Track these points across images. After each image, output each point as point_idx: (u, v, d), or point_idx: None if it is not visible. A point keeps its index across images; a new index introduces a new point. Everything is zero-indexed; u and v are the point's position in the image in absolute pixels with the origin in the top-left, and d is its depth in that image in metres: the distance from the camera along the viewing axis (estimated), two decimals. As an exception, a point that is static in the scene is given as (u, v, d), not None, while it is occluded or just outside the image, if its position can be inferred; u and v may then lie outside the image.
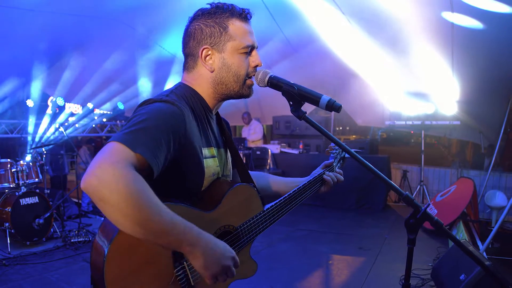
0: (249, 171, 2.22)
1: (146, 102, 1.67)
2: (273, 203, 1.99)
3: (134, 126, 1.50)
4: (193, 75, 1.87)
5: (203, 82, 1.85)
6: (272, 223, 1.98)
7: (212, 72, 1.82)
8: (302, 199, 2.13)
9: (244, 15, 1.83)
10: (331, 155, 2.58)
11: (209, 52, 1.80)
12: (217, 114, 2.04)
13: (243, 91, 1.86)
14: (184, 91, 1.83)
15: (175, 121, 1.60)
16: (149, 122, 1.52)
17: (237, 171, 2.10)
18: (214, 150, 1.88)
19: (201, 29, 1.79)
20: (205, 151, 1.80)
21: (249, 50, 1.83)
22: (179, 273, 1.62)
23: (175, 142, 1.59)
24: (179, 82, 1.92)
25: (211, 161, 1.84)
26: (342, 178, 2.38)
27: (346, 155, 2.68)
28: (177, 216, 1.46)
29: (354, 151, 1.82)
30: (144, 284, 1.57)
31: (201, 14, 1.81)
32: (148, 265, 1.57)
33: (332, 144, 2.53)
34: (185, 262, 1.63)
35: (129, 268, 1.54)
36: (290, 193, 2.06)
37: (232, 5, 1.82)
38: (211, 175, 1.84)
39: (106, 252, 1.49)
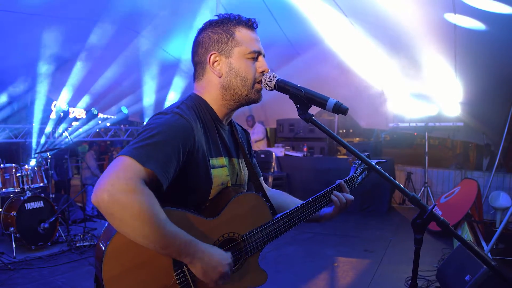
0: (270, 189, 2.32)
1: (158, 114, 1.74)
2: (281, 214, 1.98)
3: (145, 140, 1.56)
4: (202, 83, 1.91)
5: (212, 89, 1.88)
6: (279, 234, 1.97)
7: (220, 77, 1.85)
8: (311, 212, 2.08)
9: (250, 24, 1.87)
10: (354, 165, 2.41)
11: (217, 58, 1.83)
12: (231, 124, 2.06)
13: (251, 96, 1.88)
14: (194, 102, 1.87)
15: (184, 134, 1.66)
16: (160, 137, 1.58)
17: (252, 183, 2.13)
18: (224, 160, 1.91)
19: (209, 37, 1.84)
20: (213, 161, 1.84)
21: (256, 56, 1.86)
22: (179, 276, 1.67)
23: (184, 154, 1.66)
24: (191, 93, 1.96)
25: (220, 170, 1.87)
26: (351, 197, 2.15)
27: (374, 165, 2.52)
28: (179, 230, 1.56)
29: (364, 155, 1.85)
30: (142, 284, 1.62)
31: (209, 25, 1.87)
32: (147, 266, 1.62)
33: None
34: (185, 267, 1.67)
35: (127, 267, 1.59)
36: (299, 205, 2.04)
37: (238, 15, 1.87)
38: (220, 184, 1.86)
39: (104, 251, 1.56)
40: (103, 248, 1.58)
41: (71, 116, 11.16)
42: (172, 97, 11.22)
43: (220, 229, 1.79)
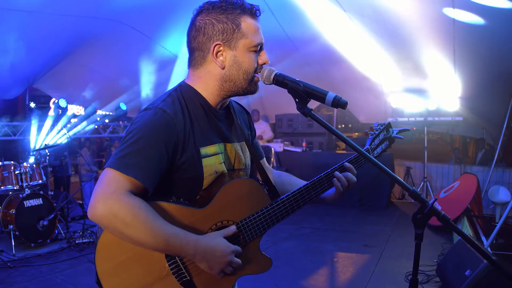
0: (274, 170, 2.30)
1: (143, 110, 1.76)
2: (281, 197, 1.89)
3: (127, 148, 1.63)
4: (199, 72, 1.85)
5: (209, 79, 1.83)
6: (281, 219, 1.88)
7: (222, 69, 1.80)
8: (312, 197, 1.95)
9: (253, 12, 1.81)
10: (370, 136, 2.17)
11: (221, 49, 1.77)
12: (228, 108, 2.01)
13: (250, 88, 1.86)
14: (182, 93, 1.85)
15: (167, 131, 1.69)
16: (141, 142, 1.64)
17: (254, 166, 2.11)
18: (216, 148, 1.87)
19: (212, 24, 1.76)
20: (204, 150, 1.81)
21: (259, 48, 1.82)
22: (172, 266, 1.70)
23: (168, 151, 1.69)
24: (181, 82, 1.93)
25: (212, 159, 1.83)
26: (353, 179, 2.00)
27: (395, 134, 2.26)
28: (175, 230, 1.62)
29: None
30: (136, 276, 1.66)
31: (210, 8, 1.77)
32: (140, 258, 1.66)
33: (375, 124, 2.22)
34: (176, 257, 1.70)
35: (120, 261, 1.64)
36: (295, 190, 1.91)
37: (242, 0, 1.80)
38: (213, 173, 1.83)
39: (96, 245, 1.64)
40: (96, 241, 1.65)
41: (69, 113, 11.10)
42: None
43: (212, 218, 1.77)
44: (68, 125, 10.86)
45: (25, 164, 7.04)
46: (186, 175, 1.77)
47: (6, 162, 6.88)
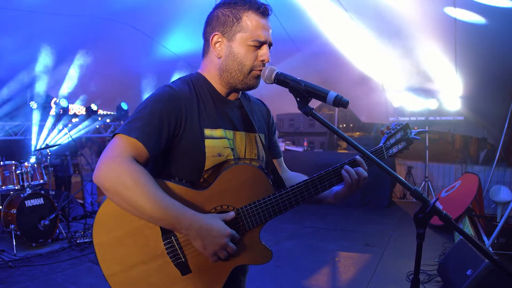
0: (290, 171, 2.33)
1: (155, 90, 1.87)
2: (284, 189, 1.86)
3: (134, 116, 1.75)
4: (205, 61, 1.96)
5: (211, 68, 1.93)
6: (284, 210, 1.85)
7: (219, 58, 1.88)
8: (318, 190, 1.90)
9: (262, 10, 1.84)
10: (385, 135, 2.14)
11: (219, 39, 1.86)
12: (243, 100, 2.06)
13: (248, 81, 1.88)
14: (192, 78, 1.95)
15: (169, 102, 1.77)
16: (146, 109, 1.75)
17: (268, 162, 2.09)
18: (222, 132, 1.89)
19: (217, 17, 1.86)
20: (208, 132, 1.85)
21: (259, 44, 1.84)
22: (168, 246, 1.72)
23: (170, 121, 1.76)
24: (195, 71, 2.02)
25: (217, 141, 1.86)
26: (364, 174, 1.92)
27: (412, 136, 2.20)
28: (174, 202, 1.65)
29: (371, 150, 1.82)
30: (130, 252, 1.69)
31: (222, 4, 1.88)
32: (136, 234, 1.69)
33: (393, 124, 2.16)
34: (172, 237, 1.72)
35: (116, 235, 1.69)
36: (301, 182, 1.88)
37: None
38: (216, 155, 1.84)
39: (95, 217, 1.70)
40: (95, 215, 1.71)
41: (70, 112, 11.11)
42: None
43: (212, 201, 1.78)
44: (69, 125, 10.87)
45: (26, 163, 7.04)
46: (188, 152, 1.81)
47: (7, 162, 6.88)
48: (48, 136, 10.07)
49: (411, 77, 10.04)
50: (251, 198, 1.83)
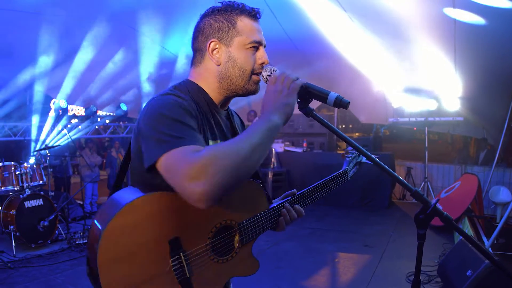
0: None
1: (149, 105, 1.67)
2: (277, 203, 1.96)
3: (156, 132, 1.54)
4: (199, 70, 1.88)
5: (209, 76, 1.86)
6: (273, 225, 1.96)
7: (218, 65, 1.82)
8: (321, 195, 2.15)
9: (253, 14, 1.84)
10: (346, 159, 2.44)
11: (217, 46, 1.81)
12: (228, 110, 2.04)
13: (249, 87, 1.85)
14: (187, 87, 1.85)
15: (185, 108, 1.63)
16: (167, 119, 1.55)
17: None
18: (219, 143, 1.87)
19: (210, 24, 1.81)
20: (211, 143, 1.82)
21: (257, 45, 1.83)
22: (175, 263, 1.63)
23: (194, 118, 1.66)
24: (184, 79, 1.93)
25: None
26: (295, 215, 2.09)
27: (364, 160, 2.48)
28: (252, 126, 1.54)
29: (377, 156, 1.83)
30: (137, 268, 1.58)
31: (211, 12, 1.84)
32: (144, 250, 1.58)
33: (349, 148, 2.41)
34: (181, 253, 1.64)
35: (123, 251, 1.54)
36: (299, 193, 2.02)
37: (242, 3, 1.85)
38: None
39: (101, 232, 1.49)
40: (100, 229, 1.52)
41: (70, 113, 11.11)
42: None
43: (217, 216, 1.76)
44: (69, 126, 10.86)
45: (25, 164, 7.04)
46: None
47: (6, 163, 6.88)
48: (47, 137, 10.06)
49: (410, 78, 10.05)
50: (249, 212, 1.85)
